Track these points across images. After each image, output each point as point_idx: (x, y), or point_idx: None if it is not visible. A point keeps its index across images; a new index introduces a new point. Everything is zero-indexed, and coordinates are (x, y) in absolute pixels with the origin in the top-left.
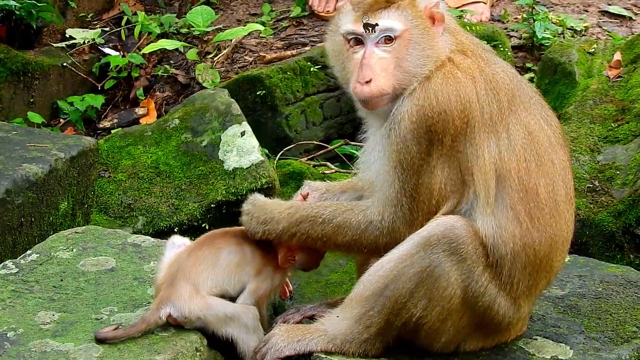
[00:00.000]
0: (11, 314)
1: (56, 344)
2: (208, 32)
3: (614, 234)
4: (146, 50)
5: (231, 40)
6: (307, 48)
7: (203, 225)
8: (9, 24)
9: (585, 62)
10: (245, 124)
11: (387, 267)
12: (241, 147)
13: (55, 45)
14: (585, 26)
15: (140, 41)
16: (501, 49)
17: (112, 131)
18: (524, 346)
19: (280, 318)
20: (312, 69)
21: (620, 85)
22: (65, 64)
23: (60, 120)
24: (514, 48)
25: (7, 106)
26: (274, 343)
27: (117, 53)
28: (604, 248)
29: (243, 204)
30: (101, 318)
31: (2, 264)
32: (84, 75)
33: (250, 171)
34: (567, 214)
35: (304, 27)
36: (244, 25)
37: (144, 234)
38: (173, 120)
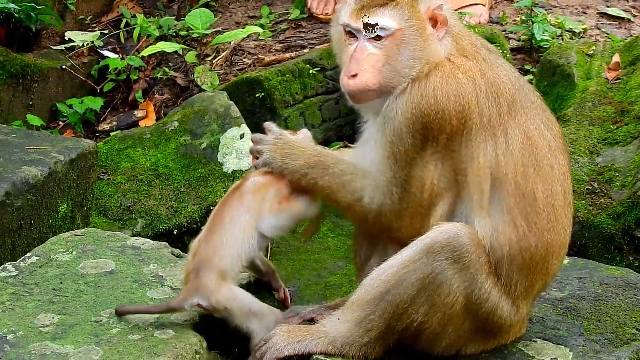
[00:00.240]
0: (11, 317)
1: (56, 347)
2: (207, 35)
3: (613, 235)
4: (145, 52)
5: (230, 42)
6: (306, 50)
7: (202, 228)
8: (8, 27)
9: (584, 64)
10: (244, 126)
11: (389, 272)
12: (240, 150)
13: (54, 47)
14: (583, 28)
15: (139, 44)
16: (500, 51)
17: (111, 134)
18: (523, 348)
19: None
20: (311, 72)
21: (619, 87)
22: (64, 67)
23: (60, 122)
24: (512, 50)
25: (6, 109)
26: (274, 342)
27: (116, 56)
28: (603, 250)
29: (259, 133)
30: (101, 320)
31: (2, 266)
32: (83, 78)
33: None
34: (565, 219)
35: (303, 30)
36: (243, 28)
37: (143, 236)
38: (172, 122)
